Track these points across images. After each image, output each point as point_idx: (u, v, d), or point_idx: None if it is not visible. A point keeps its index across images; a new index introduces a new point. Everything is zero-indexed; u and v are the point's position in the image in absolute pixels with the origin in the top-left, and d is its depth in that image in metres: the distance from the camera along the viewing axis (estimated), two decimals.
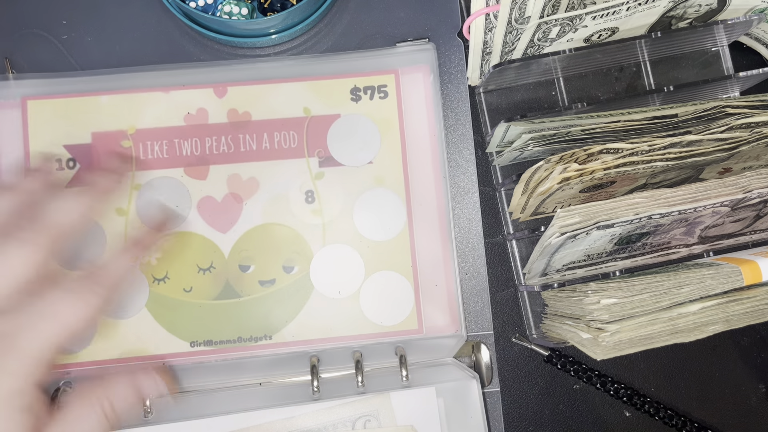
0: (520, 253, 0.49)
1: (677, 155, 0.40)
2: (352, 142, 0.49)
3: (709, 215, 0.41)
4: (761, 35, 0.50)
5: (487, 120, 0.51)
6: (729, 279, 0.41)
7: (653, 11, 0.44)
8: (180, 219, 0.48)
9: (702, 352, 0.50)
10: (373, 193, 0.49)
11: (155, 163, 0.48)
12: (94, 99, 0.48)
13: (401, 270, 0.48)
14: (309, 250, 0.48)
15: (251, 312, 0.48)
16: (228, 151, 0.48)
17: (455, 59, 0.50)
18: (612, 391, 0.48)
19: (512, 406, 0.50)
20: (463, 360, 0.48)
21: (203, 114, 0.49)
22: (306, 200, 0.48)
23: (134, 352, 0.47)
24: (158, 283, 0.48)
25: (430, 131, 0.49)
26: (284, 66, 0.49)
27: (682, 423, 0.48)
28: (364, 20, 0.51)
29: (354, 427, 0.45)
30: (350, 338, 0.48)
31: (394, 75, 0.49)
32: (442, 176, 0.49)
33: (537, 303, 0.49)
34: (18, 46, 0.49)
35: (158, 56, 0.50)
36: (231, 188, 0.48)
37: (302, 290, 0.48)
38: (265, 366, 0.47)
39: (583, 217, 0.39)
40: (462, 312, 0.48)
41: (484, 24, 0.44)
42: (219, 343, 0.47)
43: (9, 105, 0.48)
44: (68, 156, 0.48)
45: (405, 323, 0.48)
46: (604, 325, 0.41)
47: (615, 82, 0.51)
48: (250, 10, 0.48)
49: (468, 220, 0.50)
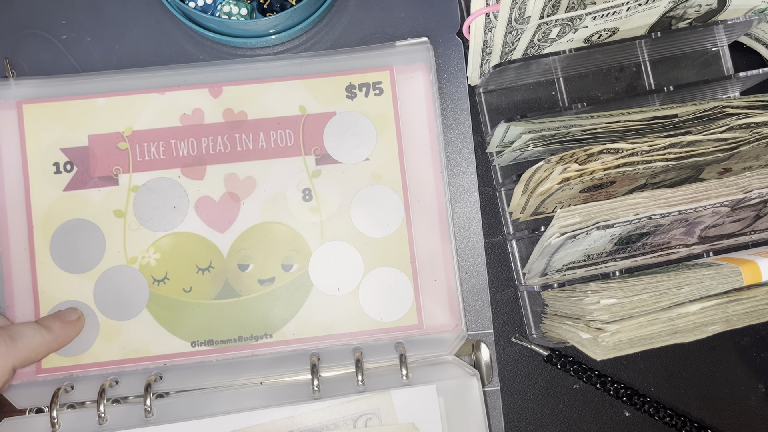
0: (520, 253, 0.49)
1: (677, 155, 0.40)
2: (348, 139, 0.49)
3: (709, 215, 0.41)
4: (761, 35, 0.50)
5: (487, 120, 0.51)
6: (729, 279, 0.41)
7: (653, 11, 0.44)
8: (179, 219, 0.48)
9: (702, 352, 0.50)
10: (371, 190, 0.49)
11: (152, 165, 0.48)
12: (90, 102, 0.48)
13: (400, 266, 0.48)
14: (307, 248, 0.48)
15: (251, 311, 0.48)
16: (224, 150, 0.48)
17: (455, 59, 0.50)
18: (612, 391, 0.48)
19: (512, 406, 0.50)
20: (463, 359, 0.48)
21: (199, 114, 0.49)
22: (303, 198, 0.48)
23: (136, 352, 0.47)
24: (158, 284, 0.48)
25: (428, 128, 0.49)
26: (279, 65, 0.49)
27: (681, 423, 0.48)
28: (364, 20, 0.50)
29: (355, 425, 0.45)
30: (350, 335, 0.48)
31: (389, 72, 0.49)
32: (441, 172, 0.49)
33: (537, 303, 0.49)
34: (18, 46, 0.49)
35: (157, 56, 0.50)
36: (228, 188, 0.48)
37: (301, 288, 0.48)
38: (265, 365, 0.48)
39: (583, 217, 0.39)
40: (462, 307, 0.48)
41: (484, 24, 0.44)
42: (220, 343, 0.47)
43: (5, 107, 0.48)
44: (65, 159, 0.48)
45: (405, 319, 0.48)
46: (603, 325, 0.41)
47: (615, 83, 0.51)
48: (250, 11, 0.47)
49: (468, 219, 0.50)
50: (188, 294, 0.48)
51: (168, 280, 0.48)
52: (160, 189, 0.48)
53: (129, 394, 0.47)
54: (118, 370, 0.47)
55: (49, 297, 0.47)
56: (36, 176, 0.48)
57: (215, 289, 0.48)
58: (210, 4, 0.47)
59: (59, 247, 0.47)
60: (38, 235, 0.47)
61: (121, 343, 0.47)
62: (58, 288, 0.47)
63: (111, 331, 0.47)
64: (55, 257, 0.47)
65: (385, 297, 0.48)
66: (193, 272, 0.48)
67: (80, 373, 0.47)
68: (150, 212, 0.48)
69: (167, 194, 0.48)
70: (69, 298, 0.47)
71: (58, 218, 0.48)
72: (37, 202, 0.48)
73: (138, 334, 0.47)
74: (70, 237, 0.48)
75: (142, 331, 0.47)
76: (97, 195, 0.48)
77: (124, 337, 0.47)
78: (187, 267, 0.48)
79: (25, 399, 0.46)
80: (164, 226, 0.48)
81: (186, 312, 0.48)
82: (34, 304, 0.47)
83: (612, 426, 0.50)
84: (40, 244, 0.47)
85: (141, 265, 0.48)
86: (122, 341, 0.47)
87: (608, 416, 0.50)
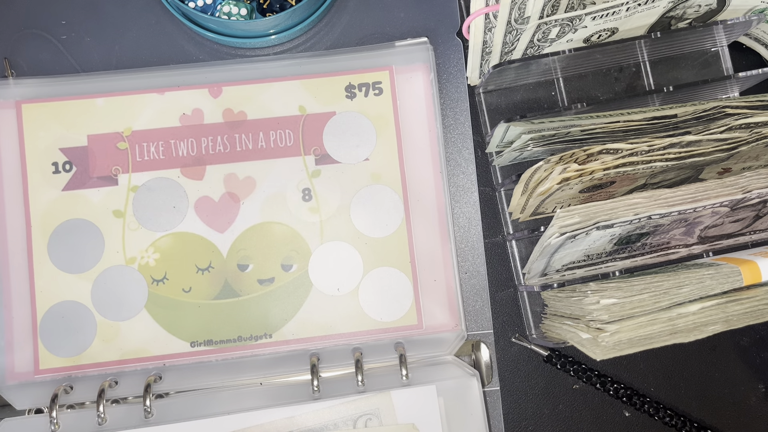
0: (520, 253, 0.49)
1: (677, 155, 0.40)
2: (347, 139, 0.49)
3: (709, 215, 0.41)
4: (761, 35, 0.50)
5: (487, 120, 0.51)
6: (728, 279, 0.41)
7: (653, 12, 0.44)
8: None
9: (702, 352, 0.50)
10: (370, 190, 0.49)
11: (151, 165, 0.48)
12: (90, 101, 0.48)
13: (400, 266, 0.48)
14: (307, 248, 0.48)
15: (251, 311, 0.48)
16: (224, 150, 0.48)
17: (454, 59, 0.50)
18: (612, 391, 0.48)
19: (512, 406, 0.50)
20: (463, 359, 0.48)
21: (199, 114, 0.49)
22: (303, 198, 0.48)
23: (134, 353, 0.47)
24: (157, 284, 0.48)
25: (427, 128, 0.49)
26: (279, 65, 0.49)
27: (681, 423, 0.48)
28: (363, 20, 0.50)
29: (355, 425, 0.45)
30: (350, 335, 0.48)
31: (388, 71, 0.49)
32: (440, 172, 0.49)
33: (537, 303, 0.49)
34: (17, 47, 0.49)
35: (157, 57, 0.50)
36: (228, 188, 0.48)
37: (301, 288, 0.48)
38: (265, 365, 0.47)
39: (582, 217, 0.39)
40: (461, 306, 0.48)
41: (484, 24, 0.44)
42: (219, 343, 0.47)
43: (4, 106, 0.48)
44: (64, 159, 0.48)
45: (404, 319, 0.48)
46: (603, 325, 0.41)
47: (615, 83, 0.51)
48: (249, 11, 0.47)
49: (467, 219, 0.50)
50: (187, 294, 0.48)
51: (167, 280, 0.48)
52: (159, 189, 0.48)
53: (128, 395, 0.47)
54: (117, 370, 0.47)
55: (46, 297, 0.47)
56: (35, 176, 0.48)
57: (215, 289, 0.48)
58: (210, 5, 0.47)
59: (57, 247, 0.47)
60: (36, 235, 0.47)
61: (120, 344, 0.47)
62: (55, 288, 0.47)
63: (109, 332, 0.47)
64: (53, 257, 0.47)
65: (384, 297, 0.48)
66: (193, 272, 0.48)
67: (79, 374, 0.47)
68: (149, 212, 0.48)
69: (167, 194, 0.48)
70: (66, 298, 0.47)
71: (57, 218, 0.48)
72: (35, 201, 0.47)
73: (137, 334, 0.47)
74: (69, 237, 0.47)
75: (141, 331, 0.47)
76: (96, 195, 0.48)
77: (122, 337, 0.47)
78: (187, 267, 0.48)
79: (23, 399, 0.46)
80: (163, 226, 0.48)
81: (185, 312, 0.47)
82: (30, 304, 0.47)
83: (612, 426, 0.50)
84: (38, 243, 0.47)
85: (140, 265, 0.48)
86: (121, 342, 0.47)
87: (608, 416, 0.50)
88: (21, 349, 0.47)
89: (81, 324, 0.47)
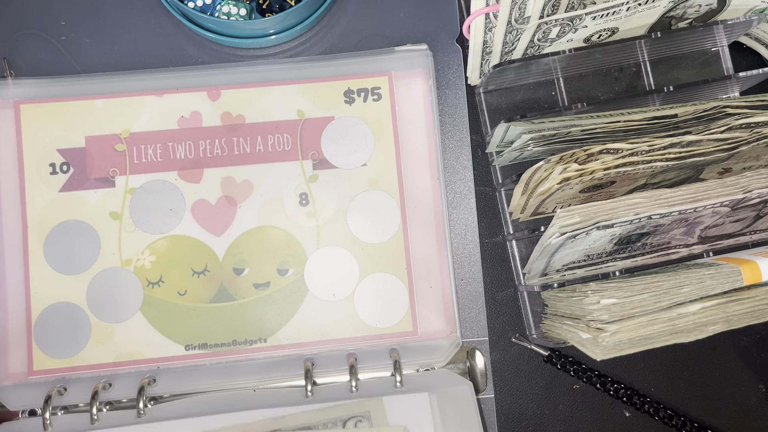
0: (520, 253, 0.49)
1: (677, 155, 0.40)
2: (345, 144, 0.49)
3: (709, 215, 0.41)
4: (761, 35, 0.50)
5: (487, 120, 0.50)
6: (729, 279, 0.41)
7: (653, 11, 0.44)
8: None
9: (702, 352, 0.50)
10: (368, 195, 0.49)
11: (149, 167, 0.48)
12: (88, 103, 0.48)
13: (396, 272, 0.48)
14: (303, 253, 0.48)
15: (246, 315, 0.47)
16: (222, 154, 0.48)
17: (453, 64, 0.50)
18: (612, 391, 0.48)
19: (512, 407, 0.50)
20: (457, 366, 0.48)
21: (197, 117, 0.48)
22: (300, 203, 0.48)
23: (129, 355, 0.47)
24: (152, 286, 0.47)
25: (426, 134, 0.49)
26: (278, 69, 0.49)
27: (681, 423, 0.48)
28: (363, 22, 0.50)
29: (345, 426, 0.44)
30: (345, 340, 0.48)
31: (387, 77, 0.49)
32: (438, 179, 0.48)
33: (537, 303, 0.49)
34: (16, 47, 0.49)
35: (157, 57, 0.49)
36: (225, 191, 0.48)
37: (297, 293, 0.48)
38: (259, 369, 0.47)
39: (583, 217, 0.39)
40: (457, 313, 0.48)
41: (484, 24, 0.44)
42: (214, 347, 0.47)
43: (3, 106, 0.48)
44: (62, 160, 0.48)
45: (400, 325, 0.48)
46: (604, 325, 0.41)
47: (615, 82, 0.51)
48: (249, 11, 0.47)
49: (464, 225, 0.50)
50: (183, 297, 0.47)
51: (163, 282, 0.47)
52: (156, 191, 0.48)
53: (122, 397, 0.46)
54: (111, 372, 0.47)
55: (41, 298, 0.47)
56: (32, 176, 0.47)
57: (210, 293, 0.47)
58: (209, 5, 0.47)
59: (53, 248, 0.47)
60: (32, 236, 0.47)
61: (114, 346, 0.47)
62: (50, 289, 0.47)
63: (103, 334, 0.47)
64: (49, 258, 0.47)
65: (380, 303, 0.48)
66: (188, 275, 0.47)
67: (73, 375, 0.47)
68: (146, 214, 0.48)
69: (164, 197, 0.48)
70: (61, 299, 0.47)
71: (53, 219, 0.47)
72: (32, 202, 0.47)
73: (131, 336, 0.47)
74: (65, 238, 0.47)
75: (136, 333, 0.47)
76: (93, 196, 0.48)
77: (117, 339, 0.47)
78: (183, 270, 0.47)
79: (17, 400, 0.46)
80: (160, 229, 0.48)
81: (180, 315, 0.47)
82: (25, 304, 0.47)
83: (612, 426, 0.49)
84: (34, 244, 0.47)
85: (136, 267, 0.47)
86: (115, 344, 0.47)
87: (608, 416, 0.50)
88: (15, 349, 0.47)
89: (76, 325, 0.47)
